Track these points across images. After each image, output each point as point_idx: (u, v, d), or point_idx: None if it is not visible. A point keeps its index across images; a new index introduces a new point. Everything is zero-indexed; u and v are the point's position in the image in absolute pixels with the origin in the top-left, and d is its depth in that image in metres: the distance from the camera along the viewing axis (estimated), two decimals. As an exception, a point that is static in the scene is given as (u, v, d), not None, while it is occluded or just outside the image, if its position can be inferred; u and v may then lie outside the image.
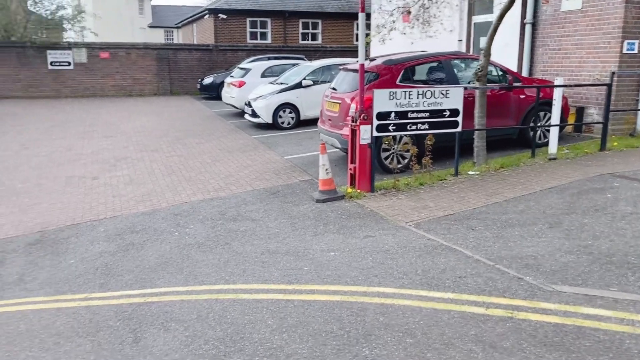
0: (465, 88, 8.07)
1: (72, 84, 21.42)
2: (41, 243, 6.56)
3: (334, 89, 9.52)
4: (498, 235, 5.61)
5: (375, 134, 7.35)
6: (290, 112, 13.60)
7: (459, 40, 13.69)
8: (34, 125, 15.28)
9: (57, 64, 21.05)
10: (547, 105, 9.32)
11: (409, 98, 7.37)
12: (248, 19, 28.18)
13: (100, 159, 11.05)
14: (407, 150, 8.16)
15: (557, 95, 8.73)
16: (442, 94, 7.55)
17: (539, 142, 9.39)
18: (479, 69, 8.20)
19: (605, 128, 9.08)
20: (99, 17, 25.26)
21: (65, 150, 11.98)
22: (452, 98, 7.61)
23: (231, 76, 16.82)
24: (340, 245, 5.67)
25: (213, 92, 20.22)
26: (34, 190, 8.86)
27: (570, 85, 10.31)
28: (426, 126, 7.58)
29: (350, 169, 7.64)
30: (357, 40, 28.98)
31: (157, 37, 48.96)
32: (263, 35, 28.56)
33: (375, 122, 7.28)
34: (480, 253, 5.15)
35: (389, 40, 9.76)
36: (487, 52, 8.16)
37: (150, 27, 55.62)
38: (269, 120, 13.44)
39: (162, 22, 54.73)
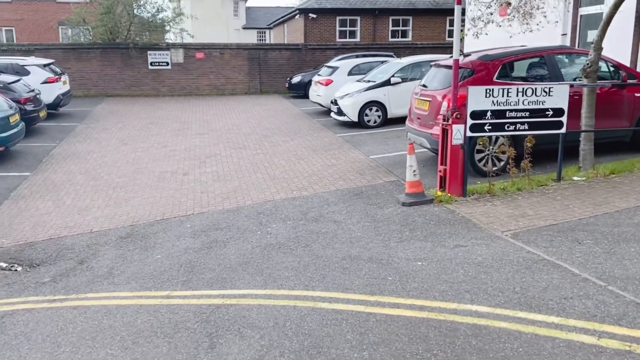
0: (572, 85, 7.34)
1: (170, 83, 22.46)
2: (131, 237, 6.75)
3: (424, 86, 9.07)
4: (610, 251, 4.95)
5: (469, 134, 6.85)
6: (376, 110, 13.26)
7: (563, 34, 12.65)
8: (133, 122, 16.11)
9: (157, 64, 22.16)
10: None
11: (508, 96, 6.79)
12: (338, 18, 28.11)
13: (192, 156, 11.35)
14: (504, 152, 7.56)
15: (682, 92, 7.72)
16: (545, 92, 6.89)
17: (657, 145, 8.39)
18: (587, 64, 7.41)
19: None
20: (196, 18, 26.23)
21: (160, 147, 12.45)
22: (556, 96, 6.92)
23: (318, 74, 16.75)
24: (428, 254, 5.28)
25: (301, 91, 20.33)
26: (129, 185, 9.23)
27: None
28: (525, 127, 6.96)
29: (440, 171, 7.19)
30: (449, 36, 27.95)
31: (250, 38, 50.37)
32: (352, 34, 28.37)
33: (469, 122, 6.79)
34: (588, 271, 4.56)
35: (485, 35, 9.12)
36: (598, 45, 7.34)
37: (244, 28, 57.47)
38: (355, 119, 13.18)
39: (255, 24, 56.31)
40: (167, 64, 22.19)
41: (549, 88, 6.91)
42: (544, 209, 6.30)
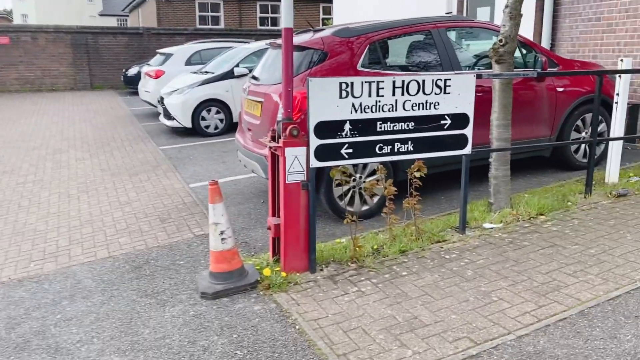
0: (479, 76, 4.52)
1: (-38, 77, 17.24)
2: None
3: (254, 77, 5.87)
4: None
5: (315, 163, 3.76)
6: (217, 112, 9.88)
7: (447, 13, 10.18)
8: None
9: (-61, 52, 16.84)
10: (591, 103, 5.87)
11: (378, 95, 3.80)
12: (197, 2, 24.46)
13: None
14: (379, 181, 4.59)
15: (623, 87, 5.30)
16: (439, 86, 4.01)
17: (578, 162, 6.03)
18: (500, 41, 4.65)
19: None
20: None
21: None
22: (457, 94, 4.07)
23: (147, 64, 12.99)
24: None
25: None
26: None
27: None
28: (409, 147, 4.02)
29: (271, 229, 4.04)
30: (323, 24, 25.44)
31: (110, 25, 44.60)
32: (215, 20, 24.88)
33: (314, 141, 3.70)
34: None
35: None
36: (517, 9, 4.61)
37: (100, 15, 51.50)
38: (187, 124, 9.70)
39: (114, 10, 50.30)
40: (-45, 51, 16.95)
41: (445, 80, 4.03)
42: (449, 304, 3.37)
